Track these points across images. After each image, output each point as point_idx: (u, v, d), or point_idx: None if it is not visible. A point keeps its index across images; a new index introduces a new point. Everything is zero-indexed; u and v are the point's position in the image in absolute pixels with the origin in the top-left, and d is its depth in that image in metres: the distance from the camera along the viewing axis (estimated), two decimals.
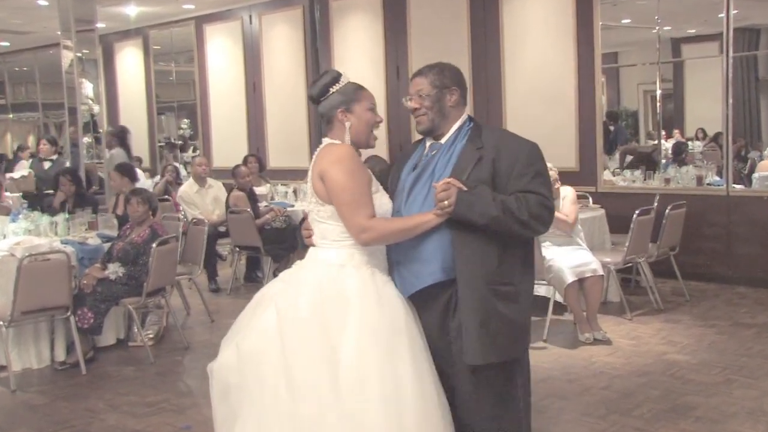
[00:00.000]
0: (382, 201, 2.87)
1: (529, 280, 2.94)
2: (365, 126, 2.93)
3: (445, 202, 2.71)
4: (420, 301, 2.88)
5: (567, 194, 6.00)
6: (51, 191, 8.42)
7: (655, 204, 6.87)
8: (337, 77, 2.93)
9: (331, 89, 2.91)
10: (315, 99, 2.95)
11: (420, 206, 2.86)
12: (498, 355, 2.78)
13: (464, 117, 2.99)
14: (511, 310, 2.79)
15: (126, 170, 7.44)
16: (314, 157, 2.93)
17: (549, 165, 5.90)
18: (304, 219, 3.12)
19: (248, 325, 2.88)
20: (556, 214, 5.77)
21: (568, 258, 5.83)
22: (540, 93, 8.49)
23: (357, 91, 2.94)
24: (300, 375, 2.67)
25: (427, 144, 3.01)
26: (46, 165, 9.81)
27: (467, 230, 2.75)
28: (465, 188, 2.73)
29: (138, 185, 7.30)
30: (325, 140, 2.96)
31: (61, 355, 5.72)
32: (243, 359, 2.80)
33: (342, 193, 2.76)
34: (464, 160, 2.85)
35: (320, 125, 10.73)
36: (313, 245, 2.95)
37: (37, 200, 8.69)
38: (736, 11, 7.31)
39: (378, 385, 2.64)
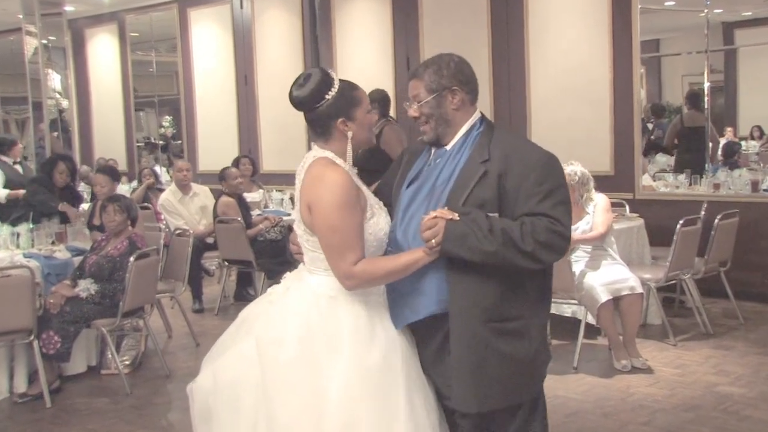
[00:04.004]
0: (378, 225, 2.85)
1: (544, 310, 2.89)
2: (367, 130, 2.94)
3: (432, 241, 2.66)
4: (415, 335, 2.90)
5: (598, 202, 5.98)
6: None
7: (702, 213, 6.85)
8: (329, 80, 2.84)
9: (326, 96, 2.83)
10: (306, 106, 2.87)
11: (416, 230, 2.78)
12: (498, 401, 2.77)
13: (474, 118, 2.91)
14: (516, 348, 2.75)
15: (112, 173, 7.43)
16: (302, 171, 2.88)
17: (581, 168, 5.92)
18: (291, 230, 3.11)
19: (229, 348, 2.97)
20: (581, 235, 5.79)
21: (601, 274, 5.81)
22: (570, 87, 8.49)
23: (353, 92, 2.88)
24: (282, 414, 2.73)
25: (433, 149, 2.96)
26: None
27: (463, 262, 2.69)
28: (457, 217, 2.66)
29: None
30: (316, 150, 2.90)
31: (21, 385, 5.70)
32: (219, 386, 2.90)
33: (330, 234, 2.75)
34: (466, 175, 2.77)
35: None
36: (302, 261, 3.00)
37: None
38: None
39: (367, 429, 2.69)
